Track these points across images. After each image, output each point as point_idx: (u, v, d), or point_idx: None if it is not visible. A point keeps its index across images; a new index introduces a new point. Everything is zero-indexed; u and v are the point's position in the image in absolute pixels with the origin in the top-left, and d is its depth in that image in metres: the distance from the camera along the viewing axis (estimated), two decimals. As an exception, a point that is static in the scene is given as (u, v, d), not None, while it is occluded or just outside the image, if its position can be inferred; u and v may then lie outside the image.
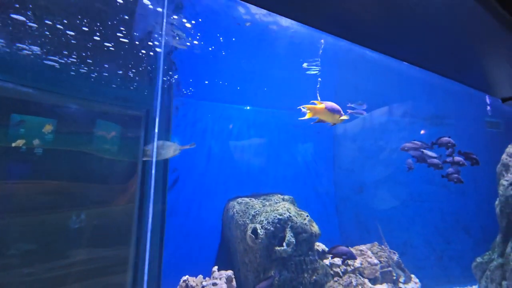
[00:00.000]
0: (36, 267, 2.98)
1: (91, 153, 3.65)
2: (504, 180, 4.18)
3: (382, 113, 5.30)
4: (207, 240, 4.23)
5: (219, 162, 4.54)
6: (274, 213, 3.60)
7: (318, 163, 5.15)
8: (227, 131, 4.66)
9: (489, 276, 3.84)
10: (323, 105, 2.30)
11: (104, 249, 3.73)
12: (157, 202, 4.00)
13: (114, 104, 3.92)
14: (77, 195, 3.42)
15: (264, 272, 3.46)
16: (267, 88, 4.82)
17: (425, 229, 4.87)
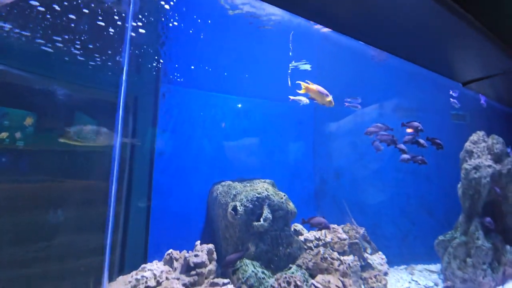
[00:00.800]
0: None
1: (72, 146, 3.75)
2: (467, 165, 4.66)
3: (355, 105, 5.73)
4: (192, 220, 4.48)
5: (205, 149, 4.80)
6: (253, 192, 3.91)
7: (299, 150, 5.51)
8: (213, 120, 4.93)
9: (452, 252, 4.29)
10: (315, 86, 2.99)
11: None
12: (143, 184, 4.22)
13: (99, 89, 4.09)
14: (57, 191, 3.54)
15: (242, 244, 3.76)
16: (252, 78, 5.13)
17: (393, 212, 5.32)
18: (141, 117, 4.40)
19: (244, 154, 5.08)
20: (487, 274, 3.87)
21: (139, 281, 3.01)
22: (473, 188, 4.48)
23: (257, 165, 5.10)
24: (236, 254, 3.15)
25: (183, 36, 4.17)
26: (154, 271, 3.19)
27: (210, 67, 4.69)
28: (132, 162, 4.28)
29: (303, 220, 3.38)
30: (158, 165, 4.32)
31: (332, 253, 3.54)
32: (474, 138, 5.02)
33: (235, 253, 3.23)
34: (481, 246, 4.00)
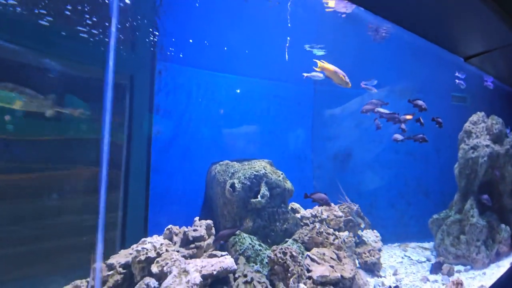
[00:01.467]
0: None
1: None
2: (464, 145, 4.65)
3: (356, 87, 5.62)
4: (191, 199, 4.55)
5: (203, 129, 4.78)
6: (251, 170, 3.93)
7: (298, 132, 5.48)
8: (211, 100, 4.87)
9: (445, 230, 4.37)
10: (331, 66, 3.03)
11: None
12: (141, 164, 4.24)
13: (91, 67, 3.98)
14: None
15: (240, 220, 3.83)
16: (252, 56, 5.01)
17: (389, 193, 5.37)
18: (138, 96, 4.35)
19: (242, 135, 5.06)
20: (480, 250, 3.96)
21: (139, 252, 3.09)
22: (470, 168, 4.49)
23: (255, 146, 5.10)
24: (230, 229, 3.19)
25: (179, 6, 4.01)
26: (154, 243, 3.26)
27: (209, 41, 4.55)
28: (129, 141, 4.28)
29: (305, 195, 3.34)
30: (156, 145, 4.32)
31: (328, 229, 3.60)
32: (474, 118, 4.97)
33: (229, 229, 3.27)
34: (475, 224, 4.07)
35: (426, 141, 3.88)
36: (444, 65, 5.82)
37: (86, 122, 3.78)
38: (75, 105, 3.73)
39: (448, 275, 3.71)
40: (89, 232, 3.74)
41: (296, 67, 5.58)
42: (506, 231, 4.13)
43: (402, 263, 4.20)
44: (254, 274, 2.84)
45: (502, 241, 4.08)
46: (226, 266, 2.80)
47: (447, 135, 5.39)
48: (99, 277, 2.88)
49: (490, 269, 3.81)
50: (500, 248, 4.06)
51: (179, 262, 2.90)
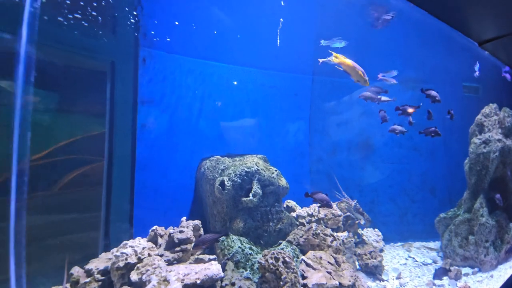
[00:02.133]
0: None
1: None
2: (476, 139, 4.28)
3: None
4: (179, 196, 4.24)
5: (192, 122, 4.42)
6: (242, 166, 3.60)
7: (295, 124, 5.12)
8: (201, 90, 4.49)
9: (453, 230, 4.05)
10: (350, 61, 2.68)
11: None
12: (125, 159, 3.92)
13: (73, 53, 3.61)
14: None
15: (230, 221, 3.53)
16: (245, 43, 4.59)
17: (392, 189, 5.05)
18: (120, 85, 3.97)
19: (235, 128, 4.70)
20: (489, 252, 3.67)
21: (118, 258, 2.81)
22: (481, 164, 4.14)
23: (249, 140, 4.74)
24: (213, 234, 2.87)
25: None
26: (136, 247, 2.98)
27: (196, 24, 4.13)
28: (111, 135, 3.95)
29: (306, 194, 2.98)
30: (141, 139, 3.98)
31: (325, 229, 3.30)
32: (486, 110, 4.57)
33: (212, 233, 2.94)
34: (485, 223, 3.75)
35: (439, 135, 3.52)
36: (455, 53, 5.37)
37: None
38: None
39: (455, 279, 3.42)
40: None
41: (294, 56, 5.18)
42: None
43: (406, 265, 3.91)
44: (242, 282, 2.55)
45: (510, 241, 3.78)
46: (212, 274, 2.51)
47: (457, 128, 5.01)
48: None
49: (498, 271, 3.52)
50: (508, 248, 3.77)
51: (159, 270, 2.61)
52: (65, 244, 3.75)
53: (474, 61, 5.39)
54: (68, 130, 3.97)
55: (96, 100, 3.95)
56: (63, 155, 3.76)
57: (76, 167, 3.84)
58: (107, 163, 3.93)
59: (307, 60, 5.23)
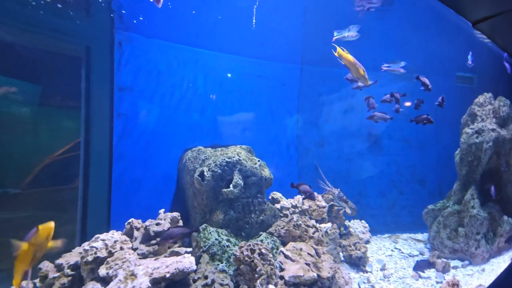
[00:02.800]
0: None
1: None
2: (468, 129, 4.13)
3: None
4: (161, 188, 4.07)
5: (173, 112, 4.22)
6: (223, 156, 3.43)
7: (282, 116, 4.94)
8: (182, 78, 4.28)
9: (441, 221, 3.93)
10: (351, 57, 2.63)
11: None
12: (102, 150, 3.73)
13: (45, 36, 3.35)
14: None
15: (210, 213, 3.38)
16: (228, 27, 4.36)
17: (380, 181, 4.92)
18: (96, 71, 3.76)
19: (220, 118, 4.52)
20: (480, 244, 3.53)
21: (87, 252, 2.65)
22: (473, 154, 4.00)
23: (234, 131, 4.56)
24: (181, 228, 2.66)
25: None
26: (107, 241, 2.82)
27: (173, 3, 3.87)
28: (88, 124, 3.75)
29: (291, 184, 2.94)
30: (118, 128, 3.78)
31: (308, 221, 3.16)
32: (480, 100, 4.42)
33: (179, 227, 2.73)
34: (476, 215, 3.62)
35: (431, 122, 3.37)
36: (448, 42, 5.18)
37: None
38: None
39: (443, 271, 3.31)
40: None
41: (282, 44, 4.96)
42: (508, 224, 3.69)
43: (392, 256, 3.80)
44: (216, 275, 2.41)
45: (504, 234, 3.64)
46: (183, 267, 2.36)
47: (449, 120, 4.86)
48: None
49: (490, 264, 3.39)
50: (501, 242, 3.64)
51: (128, 264, 2.46)
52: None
53: (468, 50, 5.21)
54: (42, 121, 3.77)
55: (70, 87, 3.74)
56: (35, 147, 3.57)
57: (49, 159, 3.66)
58: (83, 154, 3.74)
59: (295, 49, 5.02)
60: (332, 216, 3.85)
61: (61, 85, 3.73)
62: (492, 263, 3.41)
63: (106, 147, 3.78)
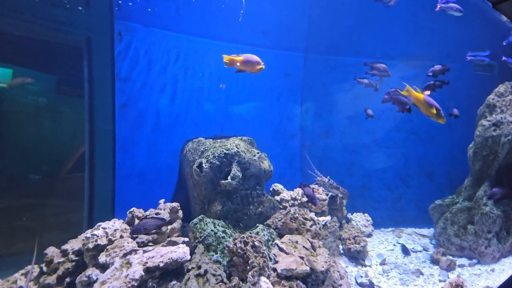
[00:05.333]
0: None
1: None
2: (485, 121, 3.75)
3: (355, 54, 4.67)
4: (163, 179, 4.06)
5: (176, 102, 4.13)
6: (221, 148, 3.33)
7: (285, 106, 4.73)
8: (184, 68, 4.15)
9: (449, 218, 3.67)
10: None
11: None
12: (106, 140, 3.73)
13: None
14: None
15: (209, 203, 3.34)
16: (233, 19, 4.14)
17: (386, 174, 4.66)
18: (98, 62, 3.69)
19: (222, 109, 4.39)
20: (491, 244, 3.25)
21: (88, 239, 2.70)
22: (488, 148, 3.64)
23: (236, 122, 4.43)
24: (156, 220, 2.56)
25: None
26: (107, 229, 2.85)
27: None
28: (92, 116, 3.75)
29: (300, 184, 3.01)
30: (121, 120, 3.76)
31: (306, 213, 3.03)
32: (501, 89, 3.98)
33: (154, 218, 2.63)
34: (488, 213, 3.32)
35: (409, 111, 3.06)
36: (467, 27, 4.66)
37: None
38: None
39: (448, 270, 3.09)
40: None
41: (285, 32, 4.66)
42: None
43: (394, 251, 3.61)
44: (209, 265, 2.37)
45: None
46: (177, 257, 2.33)
47: (464, 110, 4.45)
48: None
49: (501, 264, 3.12)
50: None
51: (125, 251, 2.47)
52: (51, 225, 3.73)
53: (488, 35, 4.68)
54: (46, 113, 3.81)
55: (74, 79, 3.73)
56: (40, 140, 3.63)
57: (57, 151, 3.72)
58: (88, 145, 3.77)
59: (299, 37, 4.71)
60: (334, 208, 3.70)
61: (64, 76, 3.72)
62: (503, 263, 3.14)
63: (110, 138, 3.78)
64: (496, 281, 2.71)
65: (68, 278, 2.66)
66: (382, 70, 3.65)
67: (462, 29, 4.66)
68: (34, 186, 3.63)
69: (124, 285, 2.04)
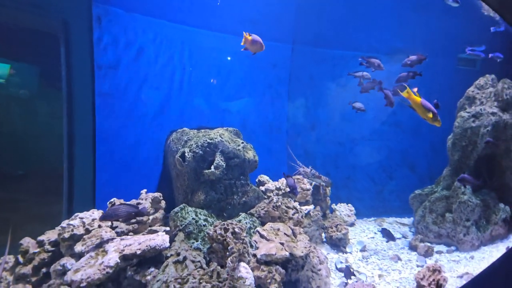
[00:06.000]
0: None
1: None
2: (464, 112, 3.85)
3: (342, 46, 4.70)
4: (147, 170, 3.98)
5: (160, 92, 4.04)
6: (204, 137, 3.29)
7: (273, 98, 4.71)
8: (168, 58, 4.05)
9: (428, 206, 3.77)
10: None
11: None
12: (85, 130, 3.62)
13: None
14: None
15: (192, 193, 3.30)
16: (218, 7, 4.05)
17: (370, 166, 4.75)
18: (76, 48, 3.55)
19: (208, 100, 4.32)
20: (470, 231, 3.34)
21: (64, 229, 2.62)
22: (468, 139, 3.75)
23: (222, 113, 4.38)
24: (128, 207, 2.47)
25: None
26: (84, 219, 2.77)
27: None
28: (70, 104, 3.61)
29: (283, 174, 3.13)
30: (100, 109, 3.64)
31: (289, 202, 3.05)
32: (481, 82, 4.09)
33: (127, 205, 2.54)
34: (466, 201, 3.43)
35: (392, 105, 3.18)
36: (451, 20, 4.75)
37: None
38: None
39: (425, 255, 3.20)
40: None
41: (273, 22, 4.61)
42: (505, 212, 3.46)
43: (374, 238, 3.71)
44: (188, 252, 2.35)
45: (498, 222, 3.42)
46: (155, 244, 2.30)
47: (446, 104, 4.57)
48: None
49: (481, 252, 3.21)
50: (495, 230, 3.44)
51: (101, 240, 2.41)
52: (28, 217, 3.60)
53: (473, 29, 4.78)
54: (23, 104, 3.64)
55: (51, 66, 3.57)
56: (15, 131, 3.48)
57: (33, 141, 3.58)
58: (67, 134, 3.65)
59: (286, 27, 4.68)
60: (318, 199, 3.74)
61: (41, 64, 3.56)
62: (483, 251, 3.23)
63: (90, 128, 3.66)
64: (477, 268, 2.79)
65: (44, 268, 2.58)
66: (376, 65, 3.73)
67: (446, 24, 4.76)
68: (16, 180, 3.50)
69: (98, 272, 1.99)
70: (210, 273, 1.98)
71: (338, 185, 4.44)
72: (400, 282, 2.58)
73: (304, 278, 2.41)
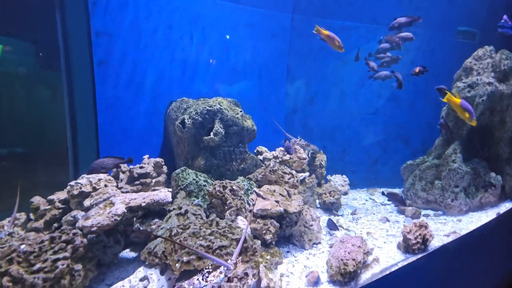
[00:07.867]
0: None
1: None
2: (460, 83, 3.84)
3: (343, 17, 4.57)
4: (148, 138, 4.07)
5: (160, 61, 4.01)
6: (204, 105, 3.34)
7: (272, 70, 4.67)
8: (167, 25, 3.96)
9: (418, 174, 3.88)
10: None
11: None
12: (86, 98, 3.65)
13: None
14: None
15: (192, 159, 3.43)
16: None
17: (365, 139, 4.85)
18: (72, 14, 3.49)
19: (207, 70, 4.30)
20: (458, 197, 3.46)
21: (73, 187, 2.77)
22: (462, 109, 3.78)
23: (220, 84, 4.38)
24: (114, 159, 2.45)
25: None
26: (91, 178, 2.92)
27: None
28: (69, 72, 3.62)
29: (285, 140, 3.40)
30: (100, 77, 3.65)
31: (285, 168, 3.18)
32: (479, 53, 4.03)
33: (112, 157, 2.48)
34: (456, 169, 3.54)
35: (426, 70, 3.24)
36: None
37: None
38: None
39: (413, 217, 3.40)
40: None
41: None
42: (496, 180, 3.57)
43: (365, 204, 3.91)
44: (190, 206, 2.51)
45: (488, 190, 3.55)
46: (158, 198, 2.45)
47: (444, 78, 4.54)
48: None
49: (469, 217, 3.35)
50: (485, 197, 3.57)
51: (108, 195, 2.57)
52: (36, 185, 3.75)
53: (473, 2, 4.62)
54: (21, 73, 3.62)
55: (46, 33, 3.52)
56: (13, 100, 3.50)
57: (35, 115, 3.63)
58: (68, 103, 3.69)
59: None
60: (313, 169, 3.88)
61: (37, 30, 3.50)
62: (471, 216, 3.35)
63: (90, 97, 3.70)
64: (464, 229, 2.95)
65: (55, 223, 2.77)
66: (395, 45, 3.69)
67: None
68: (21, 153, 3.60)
69: (107, 219, 2.15)
70: (210, 222, 2.14)
71: (334, 158, 4.56)
72: (387, 238, 2.78)
73: (297, 232, 2.60)
